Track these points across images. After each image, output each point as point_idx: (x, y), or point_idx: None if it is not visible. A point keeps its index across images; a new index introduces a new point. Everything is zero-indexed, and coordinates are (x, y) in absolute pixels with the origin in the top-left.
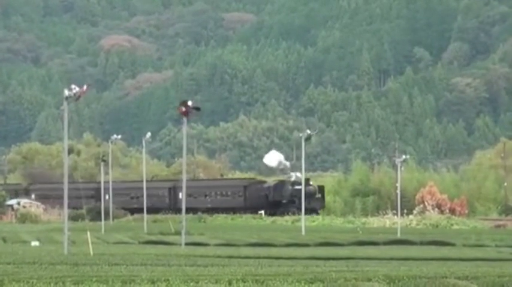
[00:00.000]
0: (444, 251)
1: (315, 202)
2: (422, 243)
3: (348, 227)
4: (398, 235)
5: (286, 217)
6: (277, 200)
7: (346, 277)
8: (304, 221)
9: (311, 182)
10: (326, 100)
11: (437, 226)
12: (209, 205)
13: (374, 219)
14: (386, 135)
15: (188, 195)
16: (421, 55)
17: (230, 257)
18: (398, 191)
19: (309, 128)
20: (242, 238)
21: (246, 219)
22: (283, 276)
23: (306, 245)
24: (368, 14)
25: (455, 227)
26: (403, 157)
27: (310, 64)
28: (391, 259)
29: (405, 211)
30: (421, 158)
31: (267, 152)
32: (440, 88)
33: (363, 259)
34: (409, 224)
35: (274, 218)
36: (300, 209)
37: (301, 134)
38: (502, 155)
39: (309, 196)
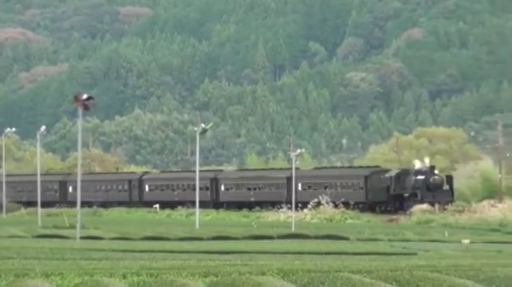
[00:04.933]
0: (338, 245)
1: (442, 195)
2: (316, 237)
3: (242, 221)
4: (293, 229)
5: (181, 211)
6: (399, 194)
7: (240, 271)
8: (198, 214)
9: (436, 171)
10: (221, 94)
11: (331, 220)
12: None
13: (269, 213)
14: (281, 129)
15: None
16: (316, 50)
17: (125, 251)
18: (293, 185)
19: (204, 122)
20: (137, 231)
21: (141, 213)
22: (177, 270)
23: (200, 239)
24: (263, 8)
25: (349, 221)
26: (298, 151)
27: (205, 58)
28: (286, 253)
29: (300, 205)
30: (316, 152)
31: (162, 146)
32: (335, 83)
33: (257, 252)
34: (304, 218)
35: (168, 211)
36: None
37: (196, 128)
38: (395, 149)
39: (435, 187)
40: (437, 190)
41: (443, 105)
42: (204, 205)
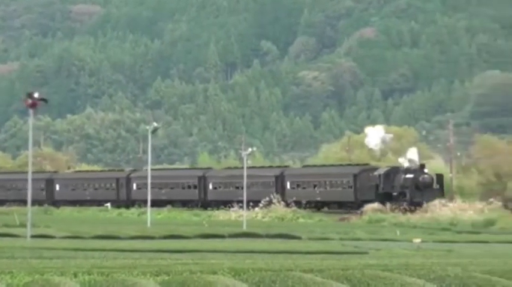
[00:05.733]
0: (290, 244)
1: (431, 194)
2: (268, 236)
3: (194, 219)
4: (244, 227)
5: (132, 209)
6: (387, 192)
7: (191, 270)
8: (150, 213)
9: (426, 170)
10: (173, 93)
11: (283, 219)
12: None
13: (220, 212)
14: (233, 128)
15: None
16: (268, 48)
17: (76, 249)
18: (244, 184)
19: (156, 121)
20: (88, 230)
21: (92, 212)
22: (129, 268)
23: (152, 237)
24: (215, 7)
25: (301, 220)
26: (250, 149)
27: (157, 57)
28: (237, 251)
29: (251, 203)
30: (267, 151)
31: (114, 145)
32: (287, 81)
33: (208, 251)
34: (255, 217)
35: (120, 210)
36: (410, 203)
37: (147, 127)
38: (347, 148)
39: (424, 186)
40: (427, 189)
41: (395, 105)
42: (192, 204)
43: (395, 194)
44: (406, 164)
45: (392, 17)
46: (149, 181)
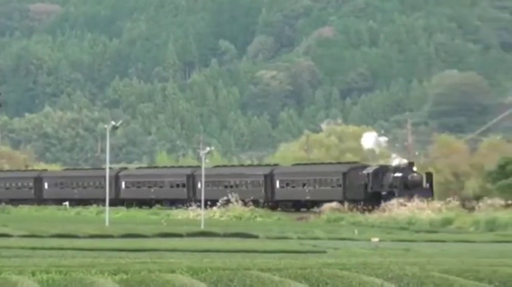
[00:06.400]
0: (247, 243)
1: (421, 194)
2: (225, 235)
3: (152, 218)
4: (202, 226)
5: (91, 208)
6: (376, 192)
7: (149, 269)
8: (108, 212)
9: (415, 168)
10: (131, 92)
11: (240, 218)
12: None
13: (179, 211)
14: (191, 127)
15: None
16: (226, 48)
17: (34, 248)
18: (202, 183)
19: (114, 120)
20: (46, 229)
21: (50, 210)
22: (87, 267)
23: (110, 236)
24: (173, 6)
25: (258, 219)
26: (208, 149)
27: (115, 56)
28: (195, 250)
29: (209, 202)
30: (225, 150)
31: (72, 144)
32: (245, 81)
33: (166, 250)
34: (213, 216)
35: (78, 209)
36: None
37: (106, 126)
38: (305, 147)
39: (413, 185)
40: (416, 188)
41: (354, 104)
42: (181, 203)
43: (384, 193)
44: (395, 163)
45: (350, 16)
46: (107, 180)
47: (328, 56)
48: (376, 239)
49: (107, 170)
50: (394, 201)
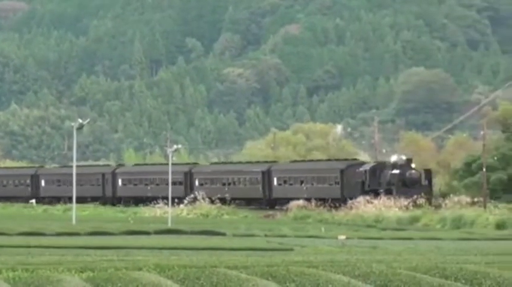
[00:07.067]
0: (214, 241)
1: (419, 191)
2: (193, 233)
3: (119, 216)
4: (169, 224)
5: (58, 206)
6: (374, 189)
7: (116, 266)
8: (75, 209)
9: (413, 165)
10: (98, 89)
11: (207, 216)
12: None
13: (146, 208)
14: (158, 125)
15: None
16: (192, 45)
17: (0, 246)
18: (169, 181)
19: (81, 118)
20: (13, 227)
21: (17, 208)
22: (54, 265)
23: (77, 234)
24: (140, 3)
25: (225, 217)
26: (175, 146)
27: (82, 53)
28: (162, 248)
29: (176, 200)
30: (192, 147)
31: (39, 141)
32: (211, 78)
33: (134, 248)
34: (180, 213)
35: (45, 207)
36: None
37: (73, 124)
38: (272, 145)
39: (411, 183)
40: (415, 186)
41: (320, 101)
42: (179, 201)
43: (381, 191)
44: (393, 159)
45: (317, 14)
46: (74, 177)
47: (295, 54)
48: (343, 237)
49: (74, 168)
50: (360, 198)
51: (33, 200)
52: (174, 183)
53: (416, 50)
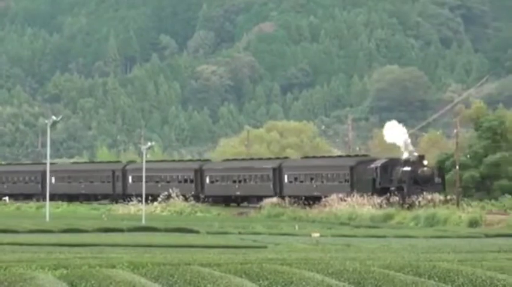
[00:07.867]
0: (188, 239)
1: (432, 189)
2: (166, 230)
3: (93, 213)
4: (143, 221)
5: (31, 203)
6: (385, 187)
7: (90, 264)
8: (48, 206)
9: (426, 162)
10: (72, 87)
11: (181, 213)
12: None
13: (119, 206)
14: (132, 122)
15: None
16: (167, 42)
17: None
18: (143, 179)
19: (55, 115)
20: None
21: None
22: (27, 262)
23: (50, 231)
24: (114, 1)
25: (199, 214)
26: (149, 143)
27: (56, 51)
28: (136, 245)
29: (150, 197)
30: (166, 145)
31: (12, 139)
32: (185, 76)
33: (107, 245)
34: (154, 211)
35: (18, 204)
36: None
37: (46, 121)
38: (246, 143)
39: (424, 180)
40: (427, 183)
41: (294, 99)
42: (189, 198)
43: (393, 188)
44: (404, 156)
45: (291, 12)
46: (48, 174)
47: (269, 52)
48: (316, 235)
49: (48, 166)
50: (334, 196)
51: (6, 197)
52: (184, 181)
53: (390, 48)
